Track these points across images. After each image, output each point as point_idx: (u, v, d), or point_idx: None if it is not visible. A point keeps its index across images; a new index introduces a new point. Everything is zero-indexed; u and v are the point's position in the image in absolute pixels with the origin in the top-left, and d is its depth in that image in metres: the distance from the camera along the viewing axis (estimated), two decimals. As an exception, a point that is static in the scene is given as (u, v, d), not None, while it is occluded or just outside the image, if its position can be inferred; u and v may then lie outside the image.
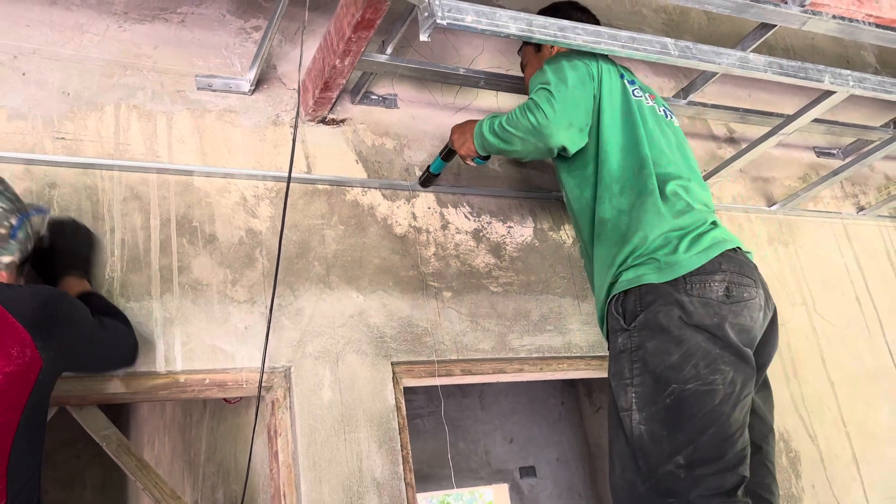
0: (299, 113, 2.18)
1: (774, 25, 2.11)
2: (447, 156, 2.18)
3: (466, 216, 2.32)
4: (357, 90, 2.29)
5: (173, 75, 2.10)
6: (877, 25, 2.15)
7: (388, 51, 2.15)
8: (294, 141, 1.90)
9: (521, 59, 2.30)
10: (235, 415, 2.45)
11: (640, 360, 1.68)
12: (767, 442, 1.83)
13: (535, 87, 1.90)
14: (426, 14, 1.61)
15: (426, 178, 2.24)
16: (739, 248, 1.79)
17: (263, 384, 1.87)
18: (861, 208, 3.14)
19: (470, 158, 2.11)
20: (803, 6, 2.02)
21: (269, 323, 1.86)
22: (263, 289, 1.94)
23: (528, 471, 4.64)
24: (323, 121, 2.23)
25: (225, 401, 2.36)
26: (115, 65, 2.04)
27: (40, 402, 1.39)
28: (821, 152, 3.21)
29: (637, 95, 1.96)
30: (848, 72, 2.14)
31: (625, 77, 1.99)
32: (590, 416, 4.73)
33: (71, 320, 1.48)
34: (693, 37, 3.13)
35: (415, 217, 2.24)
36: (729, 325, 1.66)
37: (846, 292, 2.92)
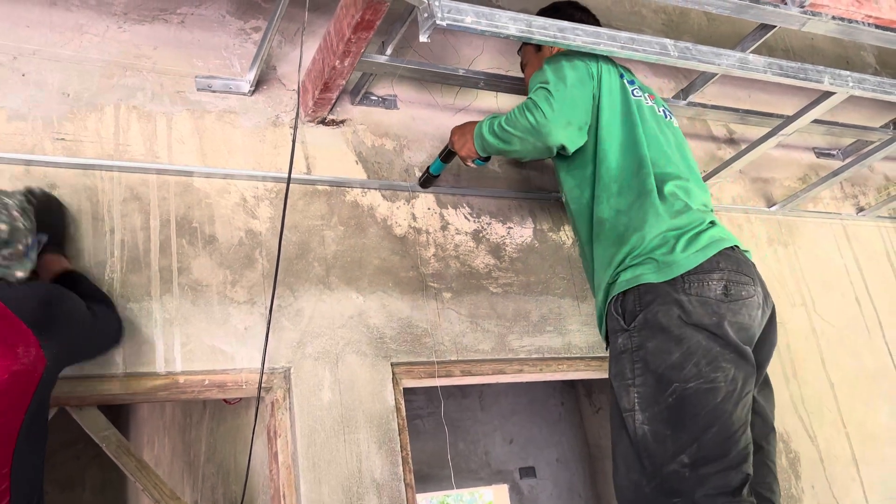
0: (299, 114, 2.18)
1: (774, 26, 2.11)
2: (447, 157, 2.18)
3: (466, 217, 2.32)
4: (357, 91, 2.29)
5: (173, 76, 2.10)
6: (876, 26, 2.15)
7: (388, 52, 2.15)
8: (294, 142, 1.90)
9: (521, 59, 2.30)
10: (235, 416, 2.45)
11: (642, 360, 1.68)
12: (768, 441, 1.83)
13: (534, 87, 1.90)
14: (426, 15, 1.61)
15: (426, 178, 2.24)
16: (737, 246, 1.79)
17: (263, 385, 1.87)
18: (861, 209, 3.14)
19: (470, 160, 2.11)
20: (803, 7, 2.02)
21: (268, 324, 1.86)
22: (263, 289, 1.94)
23: (528, 471, 4.64)
24: (323, 121, 2.23)
25: (225, 402, 2.36)
26: (114, 66, 2.04)
27: (43, 401, 1.40)
28: (820, 153, 3.21)
29: (636, 95, 1.96)
30: (847, 73, 2.14)
31: (624, 77, 1.99)
32: (590, 416, 4.73)
33: (71, 318, 1.49)
34: (693, 37, 3.13)
35: (414, 218, 2.24)
36: (728, 324, 1.66)
37: (846, 293, 2.92)
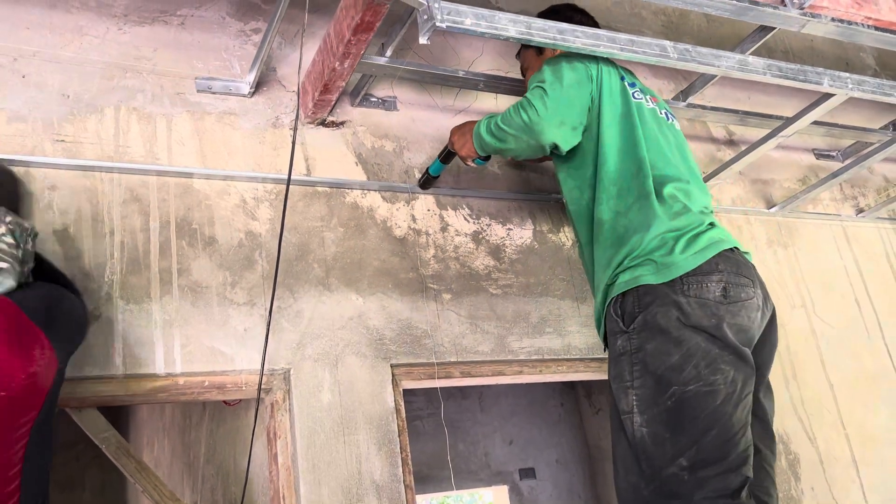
0: (299, 115, 2.18)
1: (773, 28, 2.11)
2: (446, 158, 2.18)
3: (466, 218, 2.32)
4: (357, 92, 2.29)
5: (173, 78, 2.10)
6: (876, 28, 2.15)
7: (388, 53, 2.15)
8: (294, 143, 1.90)
9: (520, 64, 2.30)
10: (235, 417, 2.45)
11: (641, 362, 1.67)
12: (767, 445, 1.82)
13: (531, 86, 1.90)
14: (425, 17, 1.61)
15: (425, 180, 2.24)
16: (737, 248, 1.78)
17: (263, 386, 1.87)
18: (860, 210, 3.14)
19: (470, 159, 2.11)
20: (802, 9, 2.03)
21: (268, 325, 1.86)
22: (263, 291, 1.94)
23: (528, 472, 4.64)
24: (322, 123, 2.23)
25: (224, 403, 2.36)
26: (114, 67, 2.04)
27: (52, 402, 1.42)
28: (820, 154, 3.21)
29: (637, 98, 1.96)
30: (847, 74, 2.14)
31: (625, 79, 1.98)
32: (589, 417, 4.73)
33: (70, 318, 1.51)
34: (693, 39, 3.13)
35: (414, 219, 2.24)
36: (727, 325, 1.66)
37: (845, 294, 2.92)
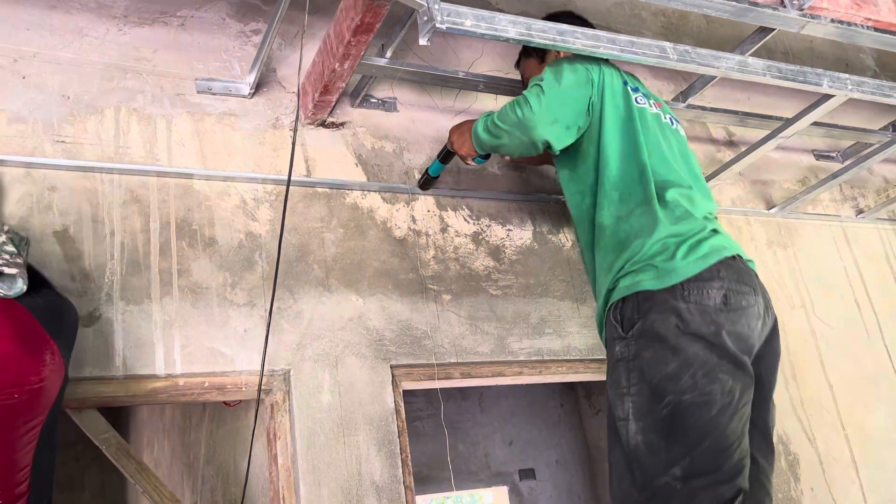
0: (299, 116, 2.18)
1: (773, 29, 2.11)
2: (445, 158, 2.18)
3: (466, 219, 2.32)
4: (356, 93, 2.29)
5: (173, 79, 2.10)
6: (875, 29, 2.15)
7: (388, 54, 2.15)
8: (294, 144, 1.90)
9: (521, 74, 2.28)
10: (235, 418, 2.46)
11: (637, 370, 1.65)
12: (765, 456, 1.79)
13: (530, 85, 1.89)
14: (426, 18, 1.61)
15: (425, 180, 2.24)
16: (739, 255, 1.77)
17: (263, 387, 1.87)
18: (860, 211, 3.14)
19: (470, 158, 2.10)
20: (802, 10, 2.03)
21: (268, 326, 1.86)
22: (263, 292, 1.95)
23: (528, 473, 4.64)
24: (322, 124, 2.23)
25: (224, 404, 2.36)
26: (114, 68, 2.04)
27: (59, 404, 1.46)
28: (820, 155, 3.21)
29: (640, 103, 1.94)
30: (846, 76, 2.14)
31: (628, 84, 1.96)
32: (589, 418, 4.73)
33: (73, 325, 1.54)
34: (692, 40, 3.14)
35: (414, 220, 2.24)
36: (726, 333, 1.63)
37: (845, 295, 2.92)
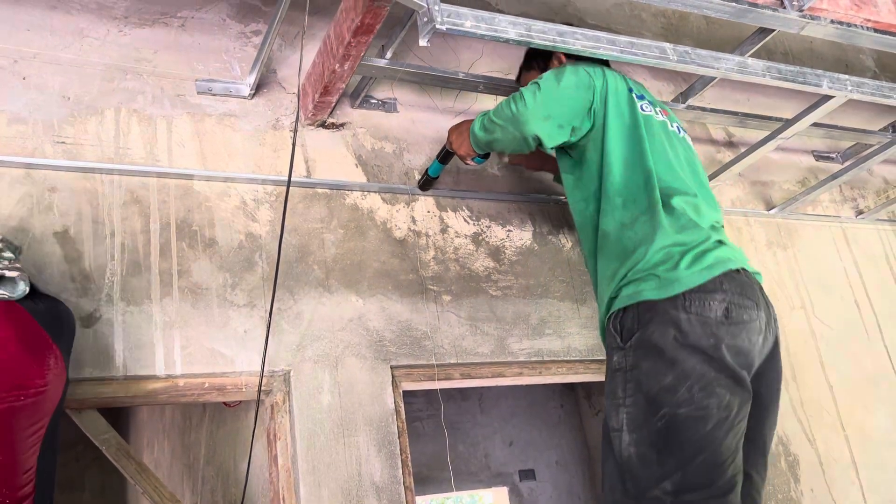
0: (299, 117, 2.19)
1: (773, 30, 2.11)
2: (444, 158, 2.18)
3: (466, 220, 2.32)
4: (357, 94, 2.30)
5: (173, 79, 2.10)
6: (875, 30, 2.16)
7: (388, 55, 2.15)
8: (294, 145, 1.90)
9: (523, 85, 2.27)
10: (235, 418, 2.46)
11: (634, 381, 1.64)
12: (759, 472, 1.77)
13: (529, 84, 1.88)
14: (426, 19, 1.61)
15: (424, 181, 2.25)
16: (744, 268, 1.73)
17: (263, 388, 1.87)
18: (860, 212, 3.14)
19: (469, 158, 2.09)
20: (801, 11, 2.03)
21: (268, 327, 1.86)
22: (263, 293, 1.95)
23: (528, 474, 4.64)
24: (323, 125, 2.23)
25: (224, 404, 2.36)
26: (115, 69, 2.04)
27: (62, 407, 1.47)
28: (820, 156, 3.21)
29: (646, 110, 1.91)
30: (846, 76, 2.15)
31: (634, 91, 1.93)
32: (589, 419, 4.73)
33: (72, 330, 1.55)
34: (692, 41, 3.14)
35: (414, 221, 2.24)
36: (725, 347, 1.61)
37: (845, 296, 2.92)
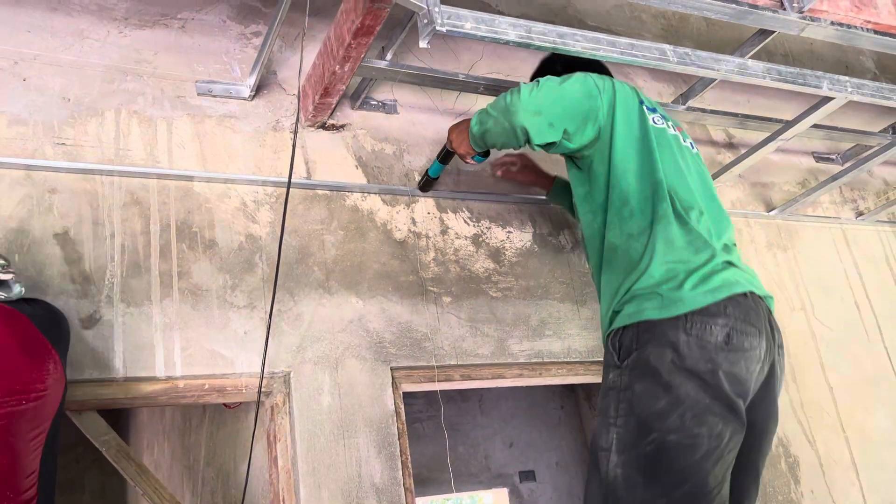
0: (299, 118, 2.19)
1: (773, 32, 2.11)
2: (444, 158, 2.18)
3: (466, 221, 2.32)
4: (357, 96, 2.30)
5: (173, 81, 2.10)
6: (875, 31, 2.16)
7: (388, 57, 2.15)
8: (294, 146, 1.91)
9: None
10: (235, 420, 2.46)
11: (627, 402, 1.60)
12: (750, 499, 1.74)
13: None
14: (426, 21, 1.61)
15: (425, 182, 2.25)
16: (752, 292, 1.68)
17: (263, 389, 1.87)
18: (860, 213, 3.14)
19: (469, 157, 2.07)
20: (801, 12, 2.03)
21: (268, 328, 1.86)
22: (263, 294, 1.95)
23: (528, 475, 4.64)
24: (323, 126, 2.23)
25: (224, 406, 2.36)
26: (115, 70, 2.04)
27: (62, 411, 1.48)
28: (820, 157, 3.21)
29: (658, 123, 1.87)
30: (846, 78, 2.15)
31: (645, 104, 1.90)
32: (590, 420, 4.72)
33: (67, 332, 1.56)
34: (692, 42, 3.14)
35: (414, 222, 2.24)
36: (723, 373, 1.57)
37: (845, 297, 2.92)
